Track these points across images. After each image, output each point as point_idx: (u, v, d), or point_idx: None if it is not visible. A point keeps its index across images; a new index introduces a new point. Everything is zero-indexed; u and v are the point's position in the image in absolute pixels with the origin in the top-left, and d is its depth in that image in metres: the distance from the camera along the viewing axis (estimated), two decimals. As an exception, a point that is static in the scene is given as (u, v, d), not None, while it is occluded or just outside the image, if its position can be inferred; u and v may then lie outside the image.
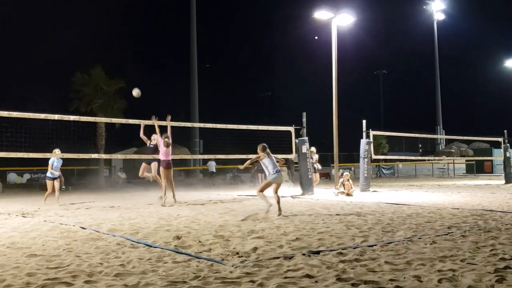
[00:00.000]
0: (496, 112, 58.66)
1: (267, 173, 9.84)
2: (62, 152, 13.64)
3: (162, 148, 12.66)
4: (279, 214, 9.13)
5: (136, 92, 13.32)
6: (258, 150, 9.88)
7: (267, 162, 9.73)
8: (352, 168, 30.38)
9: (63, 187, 24.15)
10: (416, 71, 69.69)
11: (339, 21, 19.13)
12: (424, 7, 56.76)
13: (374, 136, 18.16)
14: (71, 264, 5.04)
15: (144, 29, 66.36)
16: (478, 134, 35.03)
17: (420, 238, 6.37)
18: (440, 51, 58.31)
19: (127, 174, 29.05)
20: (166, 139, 12.63)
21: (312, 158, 16.64)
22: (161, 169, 12.65)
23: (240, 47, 72.12)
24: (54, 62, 47.76)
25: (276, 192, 9.73)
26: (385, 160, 37.80)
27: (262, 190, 9.78)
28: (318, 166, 17.71)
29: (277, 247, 5.86)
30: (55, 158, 13.57)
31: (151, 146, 13.71)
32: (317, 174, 17.76)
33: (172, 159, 13.37)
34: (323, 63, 23.97)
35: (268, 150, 9.88)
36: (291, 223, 8.00)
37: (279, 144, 17.15)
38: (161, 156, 12.72)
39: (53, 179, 13.67)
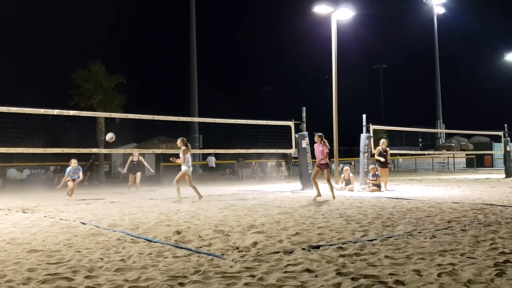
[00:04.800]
0: (496, 106, 58.69)
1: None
2: (62, 147, 13.64)
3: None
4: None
5: (109, 136, 14.11)
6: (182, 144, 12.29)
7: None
8: (352, 163, 30.38)
9: (63, 182, 24.14)
10: (416, 65, 69.69)
11: (338, 16, 19.10)
12: (424, 0, 56.56)
13: (374, 130, 18.14)
14: (71, 259, 5.04)
15: (143, 22, 66.25)
16: (478, 128, 35.01)
17: (420, 232, 6.38)
18: (440, 45, 58.14)
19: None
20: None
21: (386, 151, 15.19)
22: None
23: (240, 41, 72.03)
24: (54, 58, 47.70)
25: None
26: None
27: (177, 181, 12.41)
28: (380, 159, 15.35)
29: (277, 241, 5.87)
30: (71, 167, 13.76)
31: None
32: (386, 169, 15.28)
33: (172, 154, 13.69)
34: (323, 58, 23.95)
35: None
36: (291, 218, 8.01)
37: (279, 139, 17.17)
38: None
39: (73, 179, 13.87)
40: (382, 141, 15.64)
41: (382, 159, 15.13)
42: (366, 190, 14.41)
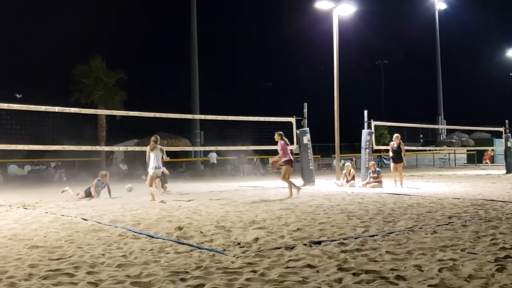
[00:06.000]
0: (497, 102, 58.57)
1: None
2: (64, 144, 13.63)
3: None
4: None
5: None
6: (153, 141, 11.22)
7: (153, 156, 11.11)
8: (354, 159, 30.38)
9: (64, 178, 24.25)
10: (417, 61, 69.48)
11: (340, 11, 19.04)
12: (425, -4, 56.48)
13: (376, 126, 18.10)
14: (73, 255, 5.06)
15: (144, 18, 66.09)
16: (479, 124, 34.96)
17: (421, 228, 6.39)
18: (441, 41, 58.02)
19: (128, 166, 29.08)
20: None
21: (399, 146, 14.82)
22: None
23: (241, 37, 71.94)
24: (53, 54, 47.65)
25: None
26: (386, 151, 37.80)
27: (149, 185, 11.21)
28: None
29: (278, 237, 5.88)
30: (99, 179, 12.47)
31: None
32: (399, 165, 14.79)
33: (174, 151, 13.38)
34: (325, 54, 23.90)
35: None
36: (292, 214, 8.02)
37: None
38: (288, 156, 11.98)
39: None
40: (395, 135, 15.26)
41: (391, 154, 15.03)
42: (368, 186, 14.41)
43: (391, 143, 15.27)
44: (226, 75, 67.00)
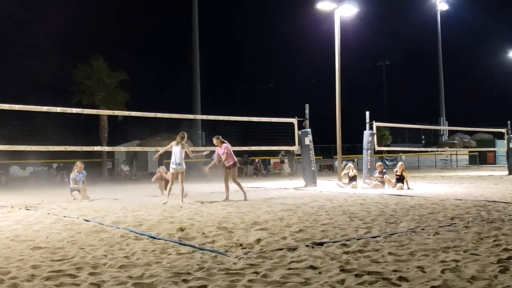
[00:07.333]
0: (499, 103, 58.52)
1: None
2: (65, 145, 13.63)
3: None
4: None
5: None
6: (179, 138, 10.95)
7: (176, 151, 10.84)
8: (355, 160, 30.35)
9: (66, 179, 24.26)
10: (419, 62, 69.47)
11: (342, 12, 19.04)
12: (427, -3, 56.52)
13: (377, 127, 18.05)
14: (75, 256, 5.06)
15: (145, 19, 66.17)
16: (481, 125, 34.94)
17: (423, 229, 6.38)
18: (443, 42, 58.06)
19: (130, 167, 29.11)
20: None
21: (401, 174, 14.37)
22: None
23: (243, 38, 71.97)
24: (54, 56, 47.68)
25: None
26: (388, 152, 37.79)
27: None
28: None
29: (280, 238, 5.88)
30: (77, 171, 12.69)
31: None
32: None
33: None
34: (326, 55, 23.91)
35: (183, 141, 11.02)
36: (294, 215, 8.01)
37: (282, 136, 17.16)
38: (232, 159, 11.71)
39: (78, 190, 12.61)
40: (399, 164, 15.10)
41: (392, 181, 14.64)
42: (369, 187, 14.38)
43: (395, 169, 15.02)
44: (227, 76, 67.03)
